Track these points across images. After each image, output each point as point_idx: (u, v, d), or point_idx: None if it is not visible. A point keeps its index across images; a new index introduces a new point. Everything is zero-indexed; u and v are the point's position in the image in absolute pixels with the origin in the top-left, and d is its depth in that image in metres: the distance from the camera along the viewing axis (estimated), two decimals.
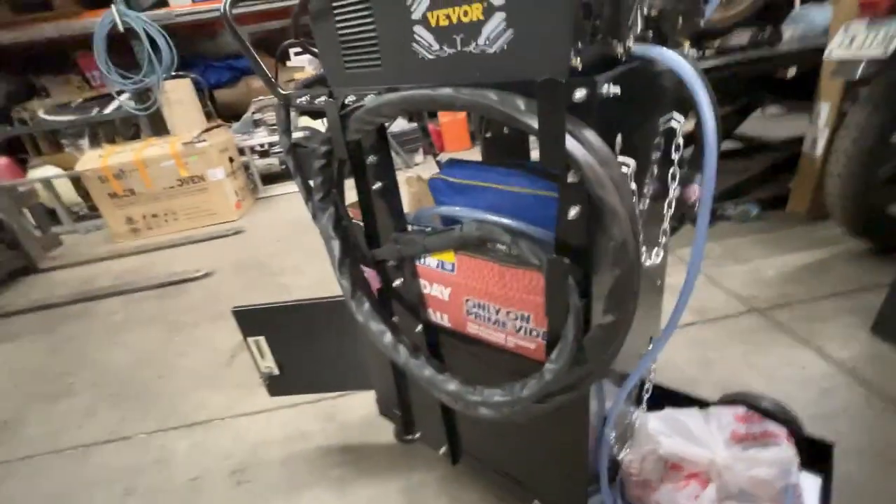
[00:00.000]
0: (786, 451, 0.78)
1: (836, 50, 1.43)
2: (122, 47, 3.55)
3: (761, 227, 2.05)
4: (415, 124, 3.68)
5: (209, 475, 1.24)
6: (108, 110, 3.74)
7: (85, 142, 3.96)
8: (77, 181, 3.57)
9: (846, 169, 1.52)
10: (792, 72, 2.34)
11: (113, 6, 3.30)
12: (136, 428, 1.46)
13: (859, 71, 1.34)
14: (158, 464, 1.31)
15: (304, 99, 0.75)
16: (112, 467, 1.33)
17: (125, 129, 4.10)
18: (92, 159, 3.14)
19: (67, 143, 4.02)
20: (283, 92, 0.79)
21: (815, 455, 0.90)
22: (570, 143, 0.45)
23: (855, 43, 1.37)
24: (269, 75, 0.81)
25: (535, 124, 0.45)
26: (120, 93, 3.62)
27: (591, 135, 0.46)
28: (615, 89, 0.47)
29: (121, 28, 3.33)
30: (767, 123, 3.47)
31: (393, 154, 2.44)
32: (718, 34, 2.10)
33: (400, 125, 3.79)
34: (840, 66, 1.42)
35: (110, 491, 1.25)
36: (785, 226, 2.03)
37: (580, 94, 0.46)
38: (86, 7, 3.67)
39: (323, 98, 0.69)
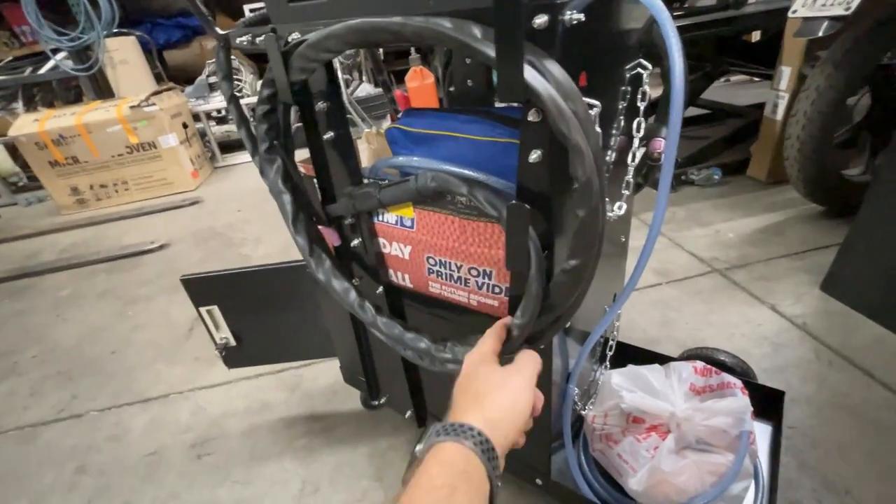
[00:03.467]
0: (740, 400, 0.80)
1: (800, 9, 1.43)
2: (54, 0, 3.21)
3: (723, 191, 2.10)
4: (381, 90, 3.54)
5: (167, 450, 1.20)
6: (42, 70, 3.41)
7: (19, 105, 3.62)
8: (13, 149, 3.28)
9: (804, 132, 1.55)
10: (757, 36, 2.35)
11: None
12: (87, 406, 1.39)
13: (822, 29, 1.34)
14: (112, 441, 1.25)
15: (244, 38, 0.67)
16: (62, 446, 1.26)
17: (65, 92, 3.78)
18: (27, 124, 2.88)
19: None
20: (222, 32, 0.71)
21: (767, 404, 0.93)
22: (530, 74, 0.41)
23: (819, 1, 1.37)
24: (205, 13, 0.73)
25: (492, 53, 0.41)
26: (55, 51, 3.30)
27: (553, 66, 0.42)
28: (579, 16, 0.43)
29: None
30: (732, 91, 3.52)
31: (360, 121, 2.34)
32: None
33: (366, 90, 3.64)
34: (804, 24, 1.42)
35: (61, 469, 1.19)
36: (745, 190, 2.08)
37: (541, 20, 0.42)
38: None
39: (264, 36, 0.62)
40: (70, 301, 1.98)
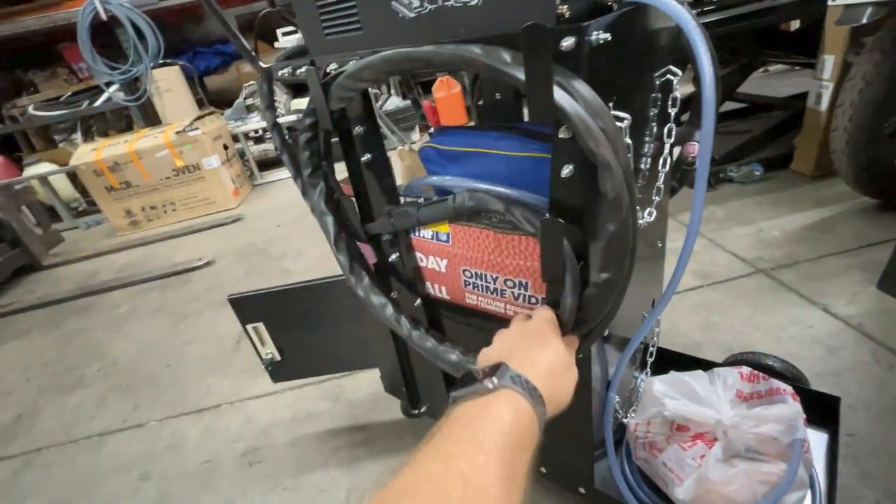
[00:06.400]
0: (791, 407, 0.78)
1: None
2: (106, 37, 3.47)
3: (765, 187, 2.01)
4: (408, 102, 3.61)
5: (221, 458, 1.26)
6: (97, 103, 3.68)
7: (78, 136, 3.92)
8: (73, 176, 3.55)
9: (852, 122, 1.47)
10: (796, 24, 2.26)
11: None
12: (147, 416, 1.48)
13: (866, 15, 1.28)
14: (171, 449, 1.33)
15: (285, 71, 0.72)
16: (126, 454, 1.35)
17: (117, 121, 4.05)
18: (85, 153, 3.11)
19: (60, 138, 3.99)
20: (264, 65, 0.76)
21: (821, 411, 0.89)
22: (559, 95, 0.42)
23: None
24: (248, 48, 0.78)
25: (521, 76, 0.43)
26: (108, 84, 3.56)
27: (581, 86, 0.43)
28: (605, 36, 0.44)
29: (103, 16, 3.25)
30: (771, 82, 3.38)
31: (389, 133, 2.39)
32: None
33: (395, 103, 3.72)
34: (846, 11, 1.36)
35: (126, 477, 1.27)
36: (789, 185, 1.99)
37: (568, 42, 0.43)
38: None
39: (305, 68, 0.66)
40: (127, 317, 2.12)
